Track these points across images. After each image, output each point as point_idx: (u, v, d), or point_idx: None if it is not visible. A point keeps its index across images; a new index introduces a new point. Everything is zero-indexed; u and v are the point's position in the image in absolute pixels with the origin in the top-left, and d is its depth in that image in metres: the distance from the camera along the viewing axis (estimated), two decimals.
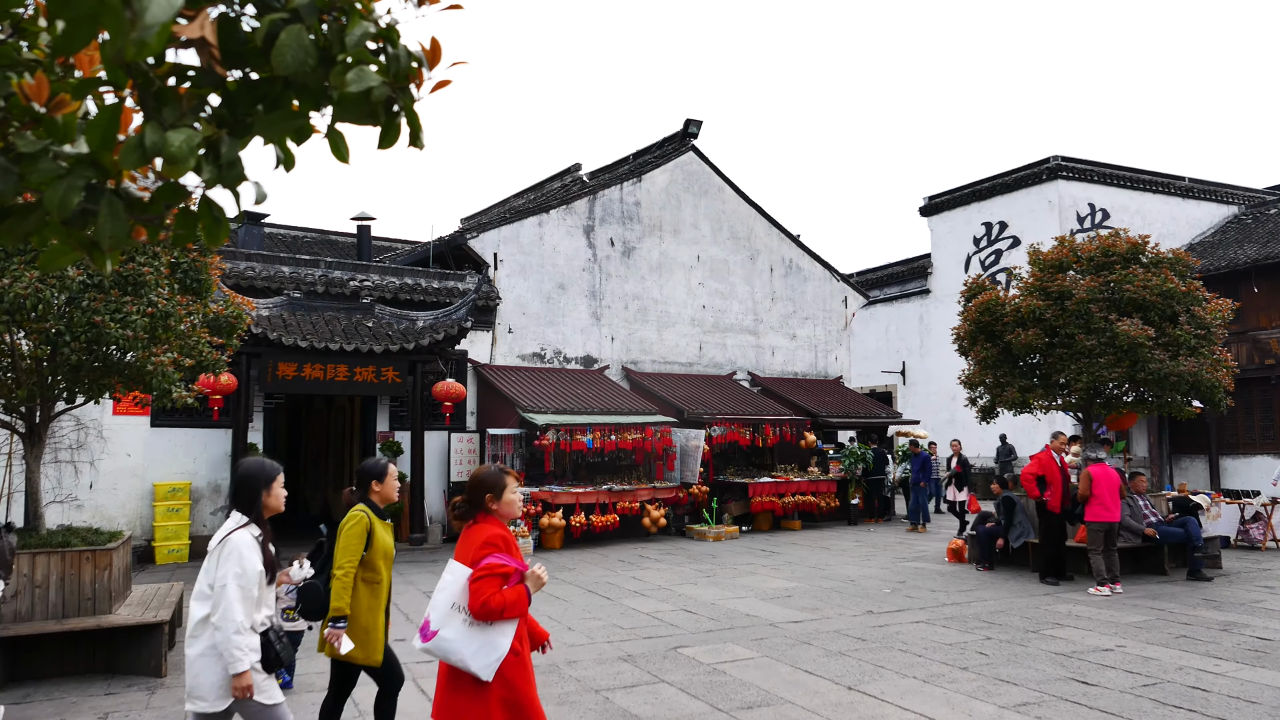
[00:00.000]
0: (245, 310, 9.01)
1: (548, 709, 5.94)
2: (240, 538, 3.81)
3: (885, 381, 29.48)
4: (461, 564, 3.60)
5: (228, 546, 3.77)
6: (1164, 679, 6.50)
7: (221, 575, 3.72)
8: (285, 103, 1.45)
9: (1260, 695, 6.04)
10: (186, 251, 7.76)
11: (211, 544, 3.88)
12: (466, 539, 3.69)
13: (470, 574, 3.54)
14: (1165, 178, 26.18)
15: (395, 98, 1.41)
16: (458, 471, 16.33)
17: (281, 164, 1.55)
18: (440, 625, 3.51)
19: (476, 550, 3.59)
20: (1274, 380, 21.67)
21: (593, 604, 9.89)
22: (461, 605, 3.53)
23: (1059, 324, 12.17)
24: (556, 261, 18.71)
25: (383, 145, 1.45)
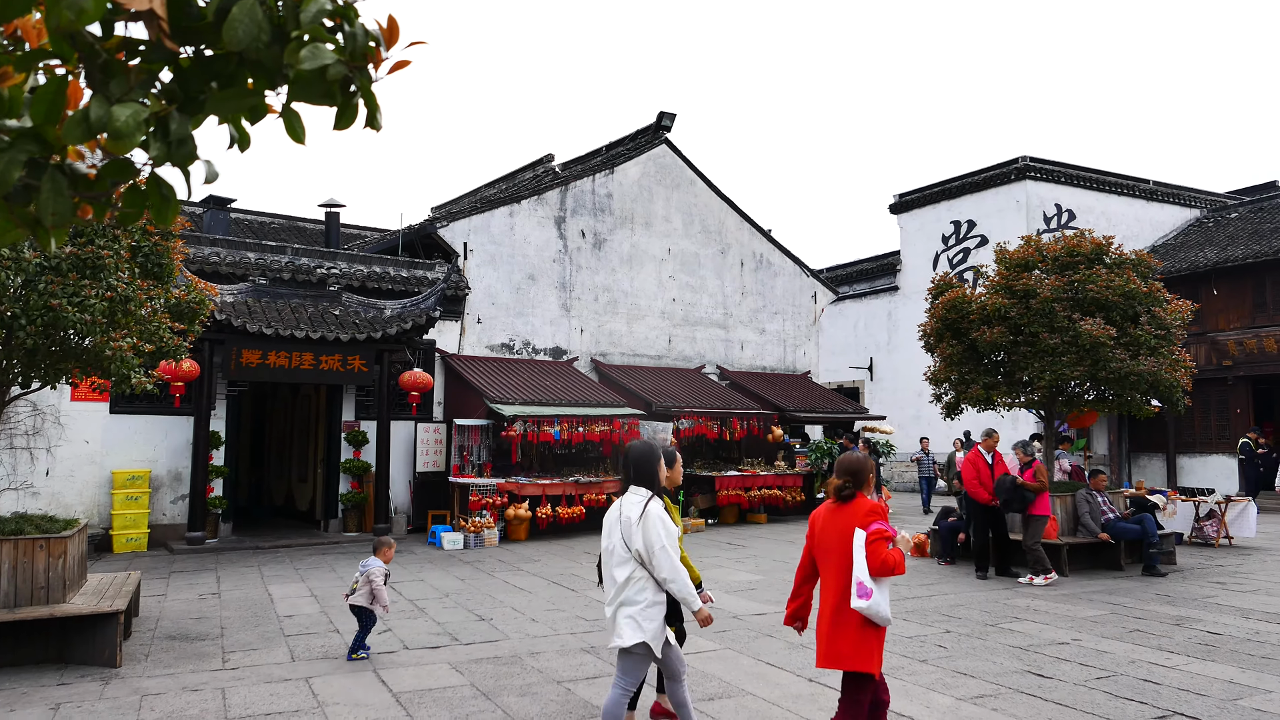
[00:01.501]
0: (208, 296, 8.87)
1: (509, 701, 5.94)
2: (656, 507, 4.49)
3: (853, 377, 29.68)
4: (858, 528, 4.25)
5: (649, 516, 4.44)
6: (1117, 672, 6.62)
7: (654, 539, 4.40)
8: (240, 80, 1.42)
9: (1209, 688, 6.17)
10: (148, 235, 7.62)
11: (618, 516, 4.56)
12: (848, 512, 4.33)
13: (865, 537, 4.19)
14: (1130, 180, 26.58)
15: (352, 77, 1.38)
16: (424, 462, 16.24)
17: (236, 143, 1.52)
18: (871, 586, 4.14)
19: (864, 518, 4.25)
20: (1230, 381, 22.10)
21: (557, 595, 9.89)
22: (864, 565, 4.18)
23: (1023, 322, 12.31)
24: (527, 252, 18.63)
25: (339, 126, 1.42)
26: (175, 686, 6.24)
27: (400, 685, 6.30)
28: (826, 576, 4.38)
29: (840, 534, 4.30)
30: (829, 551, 4.36)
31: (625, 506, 4.57)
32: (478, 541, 14.19)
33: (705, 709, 5.75)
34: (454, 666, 6.82)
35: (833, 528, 4.35)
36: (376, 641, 7.58)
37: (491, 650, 7.35)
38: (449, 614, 8.84)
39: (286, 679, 6.44)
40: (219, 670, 6.68)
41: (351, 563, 12.32)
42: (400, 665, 6.86)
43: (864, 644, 4.17)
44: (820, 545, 4.44)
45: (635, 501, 4.54)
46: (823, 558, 4.42)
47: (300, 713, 5.67)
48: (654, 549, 4.39)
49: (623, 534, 4.51)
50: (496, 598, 9.76)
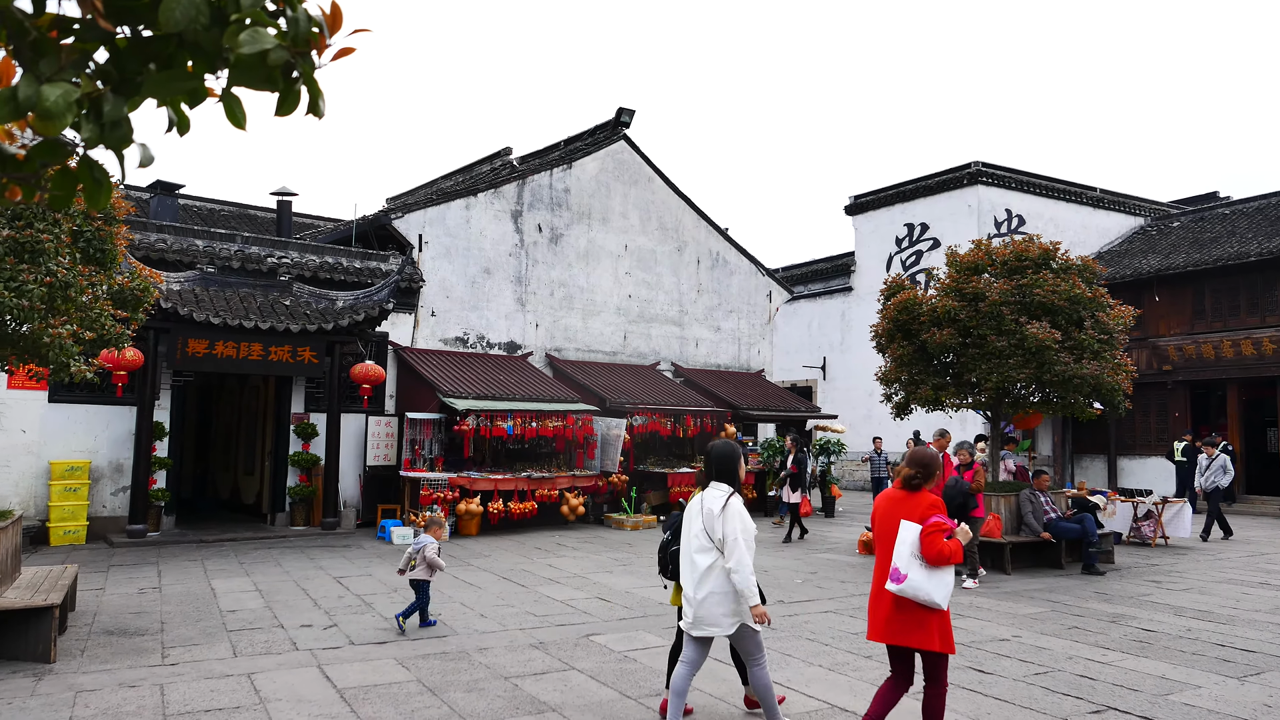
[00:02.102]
0: (153, 284, 8.67)
1: (455, 696, 5.90)
2: (737, 503, 4.88)
3: (806, 376, 29.97)
4: (910, 522, 4.61)
5: (730, 510, 4.82)
6: (1055, 668, 6.77)
7: (731, 531, 4.76)
8: (179, 63, 1.39)
9: (1142, 684, 6.35)
10: (90, 220, 7.43)
11: (699, 508, 4.94)
12: (911, 503, 4.71)
13: (921, 529, 4.57)
14: (1078, 188, 27.17)
15: (294, 63, 1.36)
16: (375, 456, 16.06)
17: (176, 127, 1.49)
18: (907, 571, 4.50)
19: (924, 511, 4.65)
20: (1169, 385, 22.73)
21: (507, 591, 9.85)
22: (916, 554, 4.54)
23: (972, 325, 12.52)
24: (483, 245, 18.50)
25: (281, 112, 1.40)
26: (111, 683, 6.10)
27: (345, 681, 6.22)
28: (885, 560, 4.75)
29: (899, 521, 4.70)
30: (889, 537, 4.73)
31: (707, 500, 4.94)
32: None
33: (652, 705, 5.77)
34: (400, 662, 6.76)
35: (895, 515, 4.75)
36: (322, 637, 7.49)
37: (439, 646, 7.30)
38: (397, 609, 8.74)
39: (228, 675, 6.33)
40: (158, 666, 6.55)
41: (299, 557, 12.16)
42: (346, 661, 6.78)
43: (928, 624, 4.56)
44: (883, 530, 4.82)
45: (718, 495, 4.92)
46: (882, 540, 4.81)
47: (241, 709, 5.58)
48: (730, 540, 4.77)
49: (705, 524, 4.89)
50: (445, 593, 9.68)
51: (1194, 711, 5.72)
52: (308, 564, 11.61)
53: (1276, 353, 20.49)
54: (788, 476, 15.17)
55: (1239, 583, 10.87)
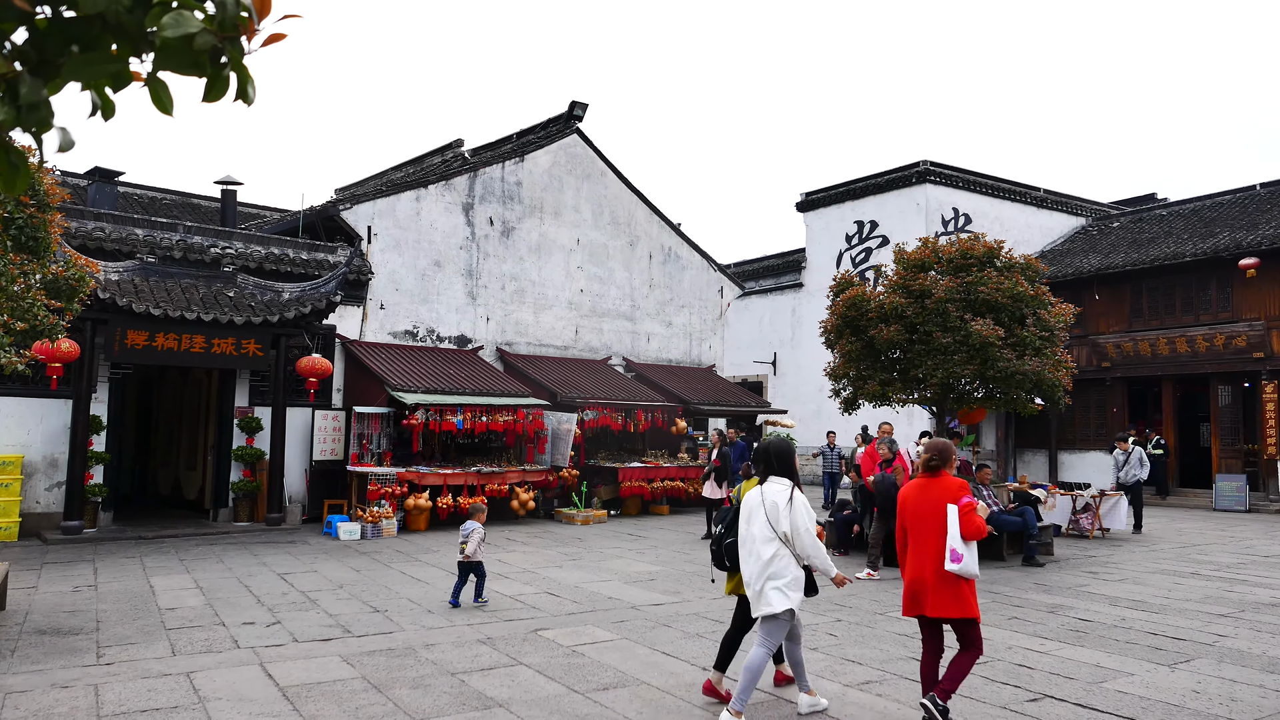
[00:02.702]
0: (90, 273, 8.43)
1: (401, 693, 5.84)
2: (801, 496, 5.33)
3: (757, 371, 30.20)
4: (953, 505, 5.13)
5: (796, 503, 5.26)
6: (995, 658, 6.92)
7: (799, 524, 5.22)
8: (103, 45, 1.35)
9: (1078, 672, 6.51)
10: (22, 206, 7.19)
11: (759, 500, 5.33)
12: (939, 487, 5.26)
13: (959, 510, 5.10)
14: (1023, 188, 27.74)
15: (222, 48, 1.33)
16: (321, 450, 15.82)
17: (100, 111, 1.45)
18: (963, 552, 5.02)
19: (956, 492, 5.20)
20: (1108, 382, 23.34)
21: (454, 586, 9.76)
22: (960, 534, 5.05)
23: (919, 321, 12.73)
24: (433, 238, 18.31)
25: (208, 98, 1.37)
26: (44, 683, 5.93)
27: (288, 679, 6.13)
28: (924, 541, 5.22)
29: (934, 505, 5.21)
30: (924, 520, 5.23)
31: (769, 494, 5.33)
32: (375, 532, 13.91)
33: (599, 699, 5.77)
34: (345, 659, 6.68)
35: (926, 500, 5.27)
36: (265, 635, 7.38)
37: (385, 642, 7.22)
38: (342, 605, 8.65)
39: (166, 674, 6.20)
40: (92, 666, 6.38)
41: (242, 553, 11.94)
42: (289, 658, 6.67)
43: (965, 597, 5.09)
44: (914, 516, 5.30)
45: (780, 490, 5.32)
46: (917, 526, 5.28)
47: (179, 709, 5.46)
48: (800, 531, 5.22)
49: (768, 517, 5.26)
50: (392, 589, 9.59)
51: (1126, 698, 5.89)
52: (251, 560, 11.41)
53: (1209, 351, 21.15)
54: (711, 471, 14.62)
55: (1171, 573, 11.21)
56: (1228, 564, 12.05)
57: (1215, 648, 7.29)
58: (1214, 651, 7.16)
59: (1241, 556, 12.77)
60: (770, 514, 5.26)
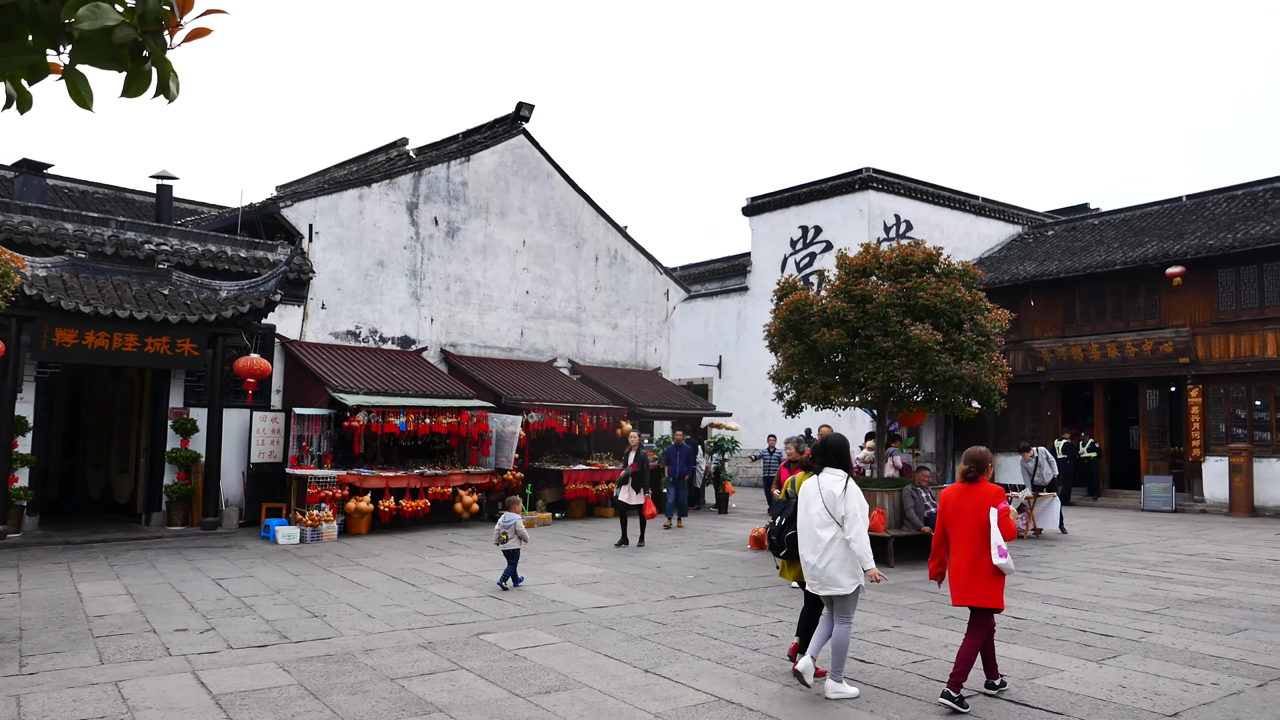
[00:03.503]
0: (15, 269, 8.16)
1: (339, 699, 5.75)
2: (855, 485, 5.87)
3: (702, 374, 30.36)
4: (989, 506, 5.76)
5: (851, 491, 5.82)
6: (931, 656, 7.06)
7: (852, 510, 5.75)
8: (19, 35, 1.31)
9: (1010, 669, 6.66)
10: None
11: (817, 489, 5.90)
12: (979, 493, 5.84)
13: (998, 514, 5.71)
14: (962, 196, 28.33)
15: (143, 43, 1.30)
16: (259, 453, 15.50)
17: (15, 103, 1.40)
18: (1005, 550, 5.67)
19: (994, 498, 5.80)
20: (1043, 386, 23.94)
21: (396, 590, 9.66)
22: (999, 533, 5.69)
23: (860, 325, 12.89)
24: (377, 237, 18.07)
25: (128, 93, 1.33)
26: None
27: (221, 686, 5.99)
28: (961, 540, 5.84)
29: (974, 508, 5.81)
30: (961, 521, 5.84)
31: (825, 483, 5.90)
32: (315, 535, 13.67)
33: (541, 702, 5.75)
34: (281, 665, 6.55)
35: (966, 503, 5.85)
36: (198, 642, 7.21)
37: (323, 648, 7.10)
38: (279, 611, 8.48)
39: (93, 683, 6.02)
40: (14, 676, 6.16)
41: (175, 558, 11.65)
42: (223, 665, 6.53)
43: (995, 588, 5.76)
44: (953, 517, 5.90)
45: (837, 479, 5.88)
46: (955, 526, 5.89)
47: (106, 719, 5.31)
48: (854, 518, 5.74)
49: (826, 504, 5.83)
50: (332, 594, 9.44)
51: (1056, 694, 6.04)
52: (185, 565, 11.13)
53: (1138, 356, 21.82)
54: (628, 475, 13.88)
55: (1101, 572, 11.53)
56: (1154, 562, 12.44)
57: (1141, 644, 7.52)
58: (1140, 647, 7.38)
59: (1167, 555, 13.20)
60: (828, 501, 5.83)
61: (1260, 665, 6.83)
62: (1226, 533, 16.26)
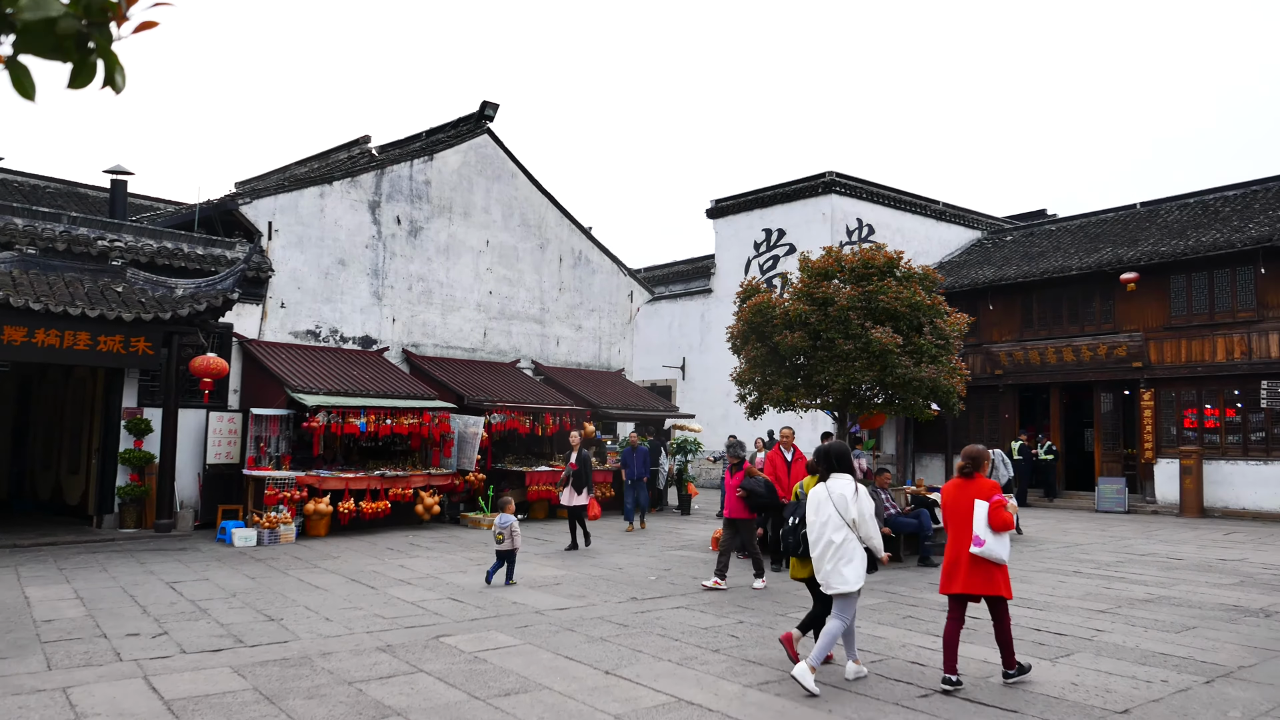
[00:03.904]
0: None
1: (295, 704, 5.68)
2: (864, 489, 6.33)
3: (666, 376, 30.41)
4: (982, 501, 6.15)
5: (861, 494, 6.26)
6: (890, 655, 7.13)
7: (861, 510, 6.20)
8: None
9: (966, 668, 6.74)
10: None
11: (827, 494, 6.29)
12: (974, 487, 6.27)
13: (989, 506, 6.09)
14: (923, 201, 28.69)
15: (89, 34, 1.27)
16: (216, 454, 15.25)
17: None
18: (985, 538, 6.03)
19: (988, 491, 6.23)
20: (1001, 389, 24.31)
21: (355, 593, 9.55)
22: (986, 524, 6.07)
23: (822, 328, 13.01)
24: (338, 236, 17.87)
25: (73, 85, 1.31)
26: None
27: (173, 692, 5.88)
28: (959, 532, 6.23)
29: (969, 502, 6.20)
30: (959, 514, 6.24)
31: (834, 488, 6.30)
32: (273, 538, 13.48)
33: (500, 705, 5.72)
34: (236, 670, 6.45)
35: (962, 497, 6.27)
36: (150, 646, 7.08)
37: (280, 652, 7.00)
38: (235, 614, 8.35)
39: (39, 690, 5.88)
40: None
41: (128, 561, 11.44)
42: (175, 670, 6.41)
43: (996, 578, 6.13)
44: (951, 511, 6.30)
45: (846, 483, 6.31)
46: (953, 518, 6.29)
47: None
48: (865, 518, 6.20)
49: (837, 507, 6.22)
50: (289, 596, 9.31)
51: (1011, 692, 6.13)
52: (138, 569, 10.92)
53: (1093, 360, 22.24)
54: (568, 476, 13.42)
55: (1055, 571, 11.73)
56: (1107, 562, 12.68)
57: (1094, 642, 7.66)
58: (1092, 646, 7.52)
59: (1120, 555, 13.46)
60: (839, 504, 6.23)
61: (1208, 663, 6.99)
62: (1177, 533, 16.63)
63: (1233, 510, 19.78)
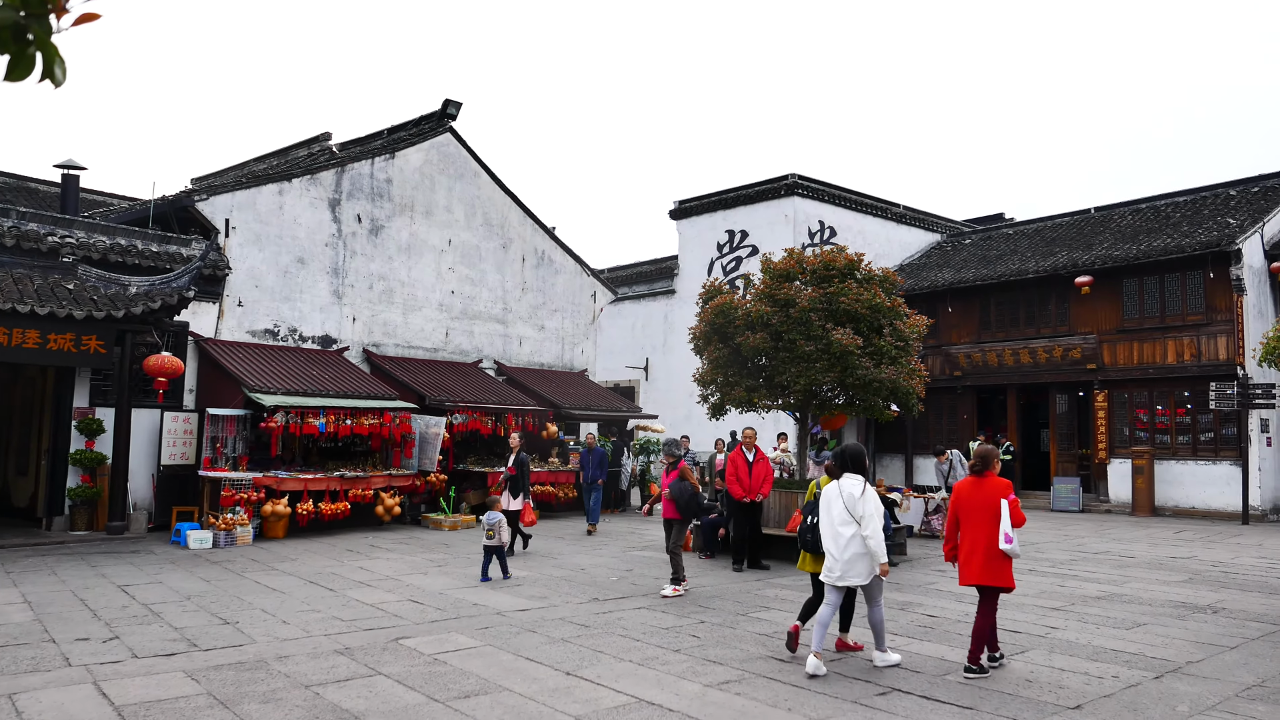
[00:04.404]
0: None
1: (250, 708, 5.59)
2: (871, 489, 6.71)
3: (629, 376, 30.41)
4: (998, 496, 6.57)
5: (868, 494, 6.63)
6: (849, 654, 7.19)
7: (868, 510, 6.55)
8: None
9: (924, 665, 6.84)
10: None
11: (838, 492, 6.71)
12: (989, 486, 6.68)
13: (1008, 503, 6.53)
14: (884, 204, 28.98)
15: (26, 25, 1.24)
16: (170, 454, 14.99)
17: None
18: (1012, 536, 6.46)
19: (1005, 490, 6.65)
20: (959, 390, 24.64)
21: (313, 595, 9.43)
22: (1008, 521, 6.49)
23: (783, 329, 13.08)
24: (297, 234, 17.64)
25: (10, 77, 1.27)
26: None
27: (124, 697, 5.77)
28: (974, 528, 6.63)
29: (985, 499, 6.62)
30: (975, 511, 6.64)
31: (845, 487, 6.70)
32: (229, 540, 13.27)
33: (460, 707, 5.68)
34: (190, 674, 6.34)
35: (977, 495, 6.68)
36: (101, 651, 6.93)
37: (235, 655, 6.90)
38: (189, 618, 8.21)
39: None
40: None
41: (78, 564, 11.20)
42: (127, 675, 6.28)
43: (1005, 570, 6.60)
44: (967, 507, 6.71)
45: (856, 482, 6.70)
46: (969, 516, 6.69)
47: None
48: (870, 516, 6.55)
49: (846, 505, 6.61)
50: (245, 599, 9.17)
51: (967, 689, 6.22)
52: (88, 572, 10.70)
53: (1049, 361, 22.62)
54: (506, 479, 12.83)
55: None
56: (1061, 560, 12.90)
57: (1047, 639, 7.79)
58: (1046, 643, 7.65)
59: (1074, 554, 13.71)
60: (848, 503, 6.62)
61: (1157, 658, 7.14)
62: (1129, 531, 16.97)
63: (1183, 509, 20.23)
